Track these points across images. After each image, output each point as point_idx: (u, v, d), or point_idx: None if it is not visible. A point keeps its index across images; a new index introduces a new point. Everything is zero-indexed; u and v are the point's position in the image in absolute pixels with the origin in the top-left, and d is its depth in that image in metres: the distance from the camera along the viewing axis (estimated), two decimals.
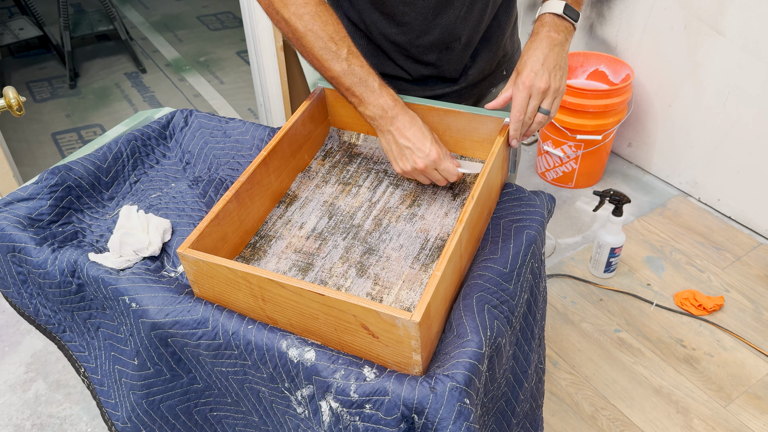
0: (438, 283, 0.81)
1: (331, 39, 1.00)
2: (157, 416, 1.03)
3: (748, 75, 2.10)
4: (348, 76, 1.01)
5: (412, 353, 0.80)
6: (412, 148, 1.00)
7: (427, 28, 1.14)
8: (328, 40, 1.00)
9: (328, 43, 1.00)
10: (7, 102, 1.28)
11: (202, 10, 4.08)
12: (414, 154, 1.00)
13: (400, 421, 0.80)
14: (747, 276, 2.13)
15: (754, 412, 1.74)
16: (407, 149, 1.00)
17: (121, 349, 1.03)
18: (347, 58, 1.01)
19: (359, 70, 1.01)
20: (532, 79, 0.99)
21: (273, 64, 2.34)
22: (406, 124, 1.00)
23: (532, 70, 1.00)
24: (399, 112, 1.01)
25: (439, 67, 1.20)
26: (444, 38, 1.15)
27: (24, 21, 3.59)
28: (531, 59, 1.01)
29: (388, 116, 1.01)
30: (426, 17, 1.12)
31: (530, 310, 1.02)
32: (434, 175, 1.02)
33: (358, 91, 1.01)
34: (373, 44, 1.19)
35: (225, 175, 1.18)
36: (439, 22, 1.13)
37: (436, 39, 1.15)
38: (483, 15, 1.16)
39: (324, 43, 1.00)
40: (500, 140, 1.03)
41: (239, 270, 0.85)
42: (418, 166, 1.00)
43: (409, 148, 1.00)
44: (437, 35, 1.14)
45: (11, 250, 1.08)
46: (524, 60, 1.02)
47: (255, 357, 0.89)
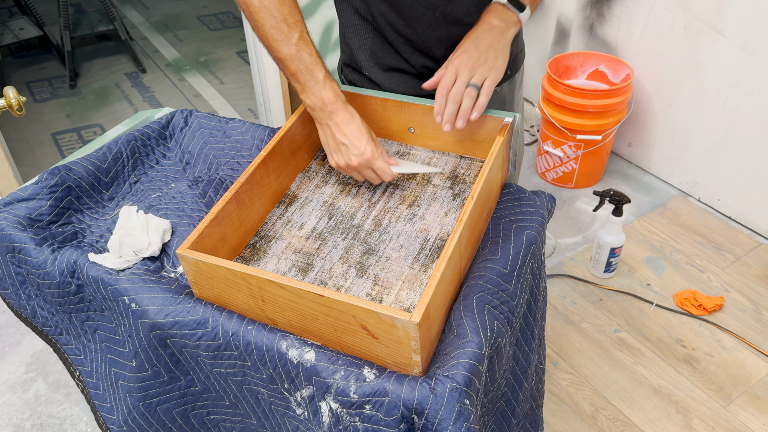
0: (438, 284, 0.81)
1: (284, 20, 1.00)
2: (154, 419, 1.03)
3: (748, 75, 2.10)
4: (294, 62, 1.01)
5: (412, 354, 0.80)
6: (348, 145, 1.02)
7: (434, 22, 1.14)
8: (281, 21, 1.00)
9: (280, 23, 1.00)
10: (7, 102, 1.28)
11: (202, 10, 4.08)
12: (349, 151, 1.02)
13: (400, 422, 0.80)
14: (747, 276, 2.13)
15: (754, 412, 1.74)
16: (343, 146, 1.02)
17: (118, 351, 1.03)
18: (297, 43, 1.01)
19: (307, 57, 1.01)
20: (461, 58, 1.02)
21: (273, 64, 2.34)
22: (344, 119, 1.02)
23: (463, 50, 1.02)
24: (339, 107, 1.02)
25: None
26: (451, 33, 1.15)
27: (24, 21, 3.59)
28: (465, 41, 1.04)
29: (327, 109, 1.02)
30: (434, 11, 1.12)
31: (530, 311, 1.01)
32: (368, 174, 1.04)
33: (302, 78, 1.02)
34: (379, 37, 1.19)
35: (225, 175, 1.18)
36: (446, 15, 1.13)
37: (444, 34, 1.15)
38: None
39: (276, 23, 1.00)
40: (500, 140, 1.03)
41: (239, 271, 0.85)
42: (352, 163, 1.03)
43: (345, 145, 1.02)
44: (444, 30, 1.15)
45: (11, 250, 1.08)
46: (460, 43, 1.05)
47: (255, 358, 0.89)
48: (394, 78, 1.22)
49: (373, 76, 1.22)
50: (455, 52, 1.04)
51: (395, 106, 1.13)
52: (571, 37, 2.62)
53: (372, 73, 1.22)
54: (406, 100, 1.12)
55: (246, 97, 3.24)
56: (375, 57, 1.21)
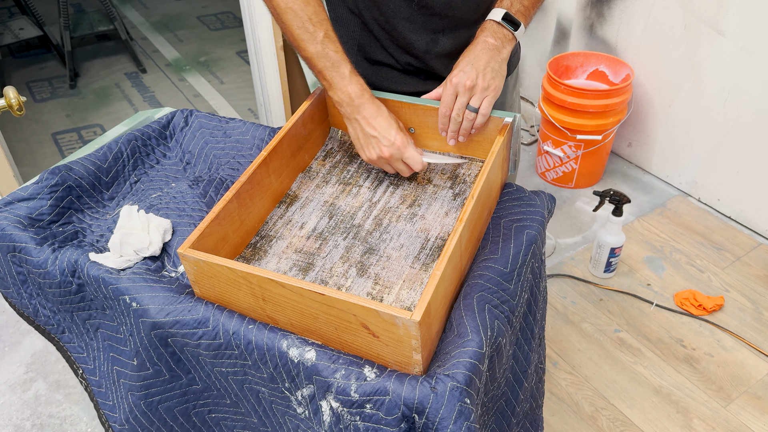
0: (438, 283, 0.81)
1: (309, 20, 1.04)
2: (155, 418, 1.03)
3: (748, 75, 2.10)
4: (321, 59, 1.04)
5: (413, 353, 0.80)
6: (378, 137, 1.04)
7: (411, 15, 1.14)
8: (306, 21, 1.04)
9: (306, 23, 1.04)
10: (8, 102, 1.28)
11: (202, 10, 4.08)
12: (380, 142, 1.04)
13: (400, 421, 0.80)
14: (747, 276, 2.13)
15: (754, 412, 1.74)
16: (373, 138, 1.04)
17: (120, 349, 1.03)
18: (323, 41, 1.04)
19: (333, 54, 1.04)
20: (459, 77, 1.02)
21: (273, 64, 2.34)
22: (372, 113, 1.04)
23: (461, 69, 1.03)
24: (366, 101, 1.04)
25: (427, 62, 1.20)
26: (429, 25, 1.16)
27: (24, 21, 3.59)
28: (462, 60, 1.05)
29: (354, 104, 1.04)
30: (410, 2, 1.13)
31: (530, 310, 1.02)
32: (399, 166, 1.06)
33: (328, 75, 1.05)
34: (366, 31, 1.20)
35: (225, 175, 1.18)
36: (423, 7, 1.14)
37: (421, 27, 1.16)
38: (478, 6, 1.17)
39: (302, 23, 1.04)
40: (500, 140, 1.03)
41: (240, 270, 0.85)
42: (383, 155, 1.04)
43: (375, 137, 1.04)
44: (422, 22, 1.15)
45: (11, 250, 1.08)
46: (457, 61, 1.05)
47: (255, 357, 0.89)
48: (381, 72, 1.24)
49: (360, 69, 1.24)
50: (453, 70, 1.05)
51: (395, 107, 1.13)
52: (571, 37, 2.62)
53: (359, 67, 1.24)
54: (407, 101, 1.13)
55: (246, 97, 3.24)
56: (362, 51, 1.23)
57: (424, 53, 1.19)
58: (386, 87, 1.23)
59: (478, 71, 1.03)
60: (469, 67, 1.03)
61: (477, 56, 1.04)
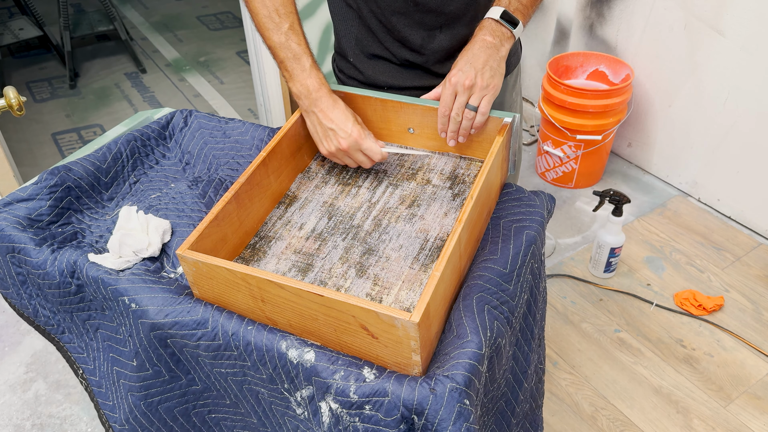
0: (437, 284, 0.81)
1: (276, 11, 1.07)
2: (155, 418, 1.03)
3: (748, 75, 2.10)
4: (283, 50, 1.07)
5: (412, 354, 0.80)
6: (335, 129, 1.05)
7: (406, 10, 1.15)
8: (273, 11, 1.07)
9: (272, 13, 1.07)
10: (8, 102, 1.28)
11: (202, 10, 4.08)
12: (337, 134, 1.05)
13: (399, 422, 0.80)
14: (747, 276, 2.13)
15: (754, 412, 1.74)
16: (330, 131, 1.05)
17: (120, 350, 1.03)
18: (286, 32, 1.06)
19: (295, 46, 1.06)
20: (458, 76, 1.02)
21: (273, 64, 2.34)
22: (329, 105, 1.05)
23: (459, 69, 1.03)
24: (323, 95, 1.06)
25: (424, 55, 1.20)
26: (425, 21, 1.16)
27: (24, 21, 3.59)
28: (461, 59, 1.04)
29: (312, 97, 1.06)
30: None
31: (530, 311, 1.02)
32: (358, 157, 1.07)
33: (289, 66, 1.07)
34: (363, 25, 1.21)
35: (224, 175, 1.18)
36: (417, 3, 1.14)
37: (417, 22, 1.16)
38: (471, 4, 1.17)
39: (268, 12, 1.07)
40: (499, 140, 1.03)
41: (239, 271, 0.85)
42: (341, 146, 1.06)
43: (333, 130, 1.05)
44: (417, 18, 1.16)
45: (11, 250, 1.08)
46: (456, 60, 1.05)
47: (254, 358, 0.89)
48: (378, 66, 1.24)
49: (358, 63, 1.25)
50: (452, 69, 1.04)
51: (395, 107, 1.13)
52: (571, 37, 2.62)
53: (357, 60, 1.25)
54: (406, 101, 1.12)
55: (246, 97, 3.24)
56: (360, 44, 1.23)
57: (419, 48, 1.19)
58: (383, 81, 1.24)
59: (476, 70, 1.03)
60: (468, 66, 1.03)
61: (475, 55, 1.04)
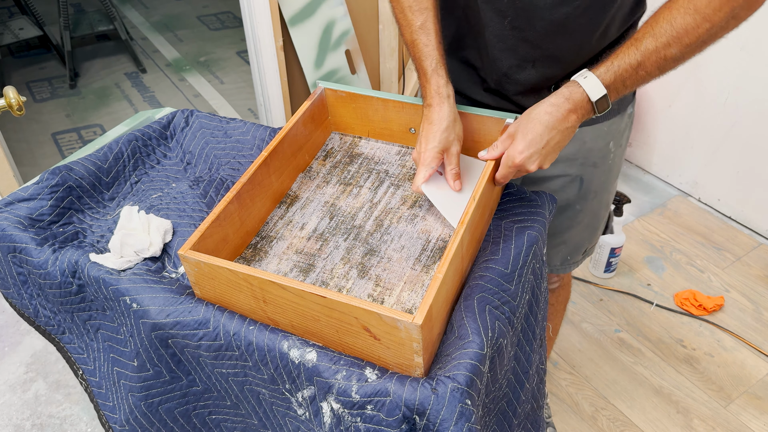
0: (440, 286, 0.81)
1: (410, 7, 1.04)
2: (156, 419, 1.03)
3: (748, 75, 2.10)
4: (413, 49, 1.05)
5: (414, 355, 0.80)
6: (421, 140, 1.02)
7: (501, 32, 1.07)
8: (406, 8, 1.05)
9: (405, 10, 1.05)
10: (7, 102, 1.28)
11: (202, 10, 4.08)
12: (419, 144, 1.02)
13: (401, 422, 0.80)
14: (747, 276, 2.13)
15: (754, 413, 1.74)
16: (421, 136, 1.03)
17: (120, 350, 1.03)
18: (417, 31, 1.04)
19: (422, 47, 1.03)
20: (525, 162, 0.94)
21: (273, 64, 2.34)
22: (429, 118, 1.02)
23: (529, 148, 0.93)
24: (431, 104, 1.02)
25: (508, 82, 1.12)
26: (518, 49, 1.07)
27: (24, 21, 3.59)
28: (535, 133, 0.93)
29: (425, 102, 1.04)
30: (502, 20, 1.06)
31: (531, 311, 1.01)
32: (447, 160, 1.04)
33: (417, 66, 1.05)
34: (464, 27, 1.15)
35: (226, 175, 1.18)
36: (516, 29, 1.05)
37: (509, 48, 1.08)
38: None
39: (402, 8, 1.05)
40: None
41: (240, 272, 0.85)
42: (413, 154, 1.04)
43: (421, 137, 1.03)
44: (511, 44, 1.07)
45: (12, 250, 1.08)
46: (528, 128, 0.94)
47: (256, 358, 0.89)
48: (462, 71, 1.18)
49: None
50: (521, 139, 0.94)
51: (396, 107, 1.13)
52: None
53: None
54: (407, 101, 1.12)
55: (246, 97, 3.24)
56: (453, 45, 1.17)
57: (505, 74, 1.10)
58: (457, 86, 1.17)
59: (544, 157, 0.95)
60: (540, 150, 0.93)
61: (552, 137, 0.93)
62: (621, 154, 1.25)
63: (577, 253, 1.34)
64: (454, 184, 1.02)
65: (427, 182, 1.01)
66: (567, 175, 1.19)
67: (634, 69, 0.92)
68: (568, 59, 1.06)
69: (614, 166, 1.24)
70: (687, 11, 0.88)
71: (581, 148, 1.16)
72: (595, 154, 1.18)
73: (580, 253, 1.35)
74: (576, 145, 1.15)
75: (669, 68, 0.92)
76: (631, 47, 0.91)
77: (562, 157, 1.15)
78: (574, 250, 1.33)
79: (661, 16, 0.90)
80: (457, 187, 1.03)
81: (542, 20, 1.01)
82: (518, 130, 0.95)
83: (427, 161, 1.00)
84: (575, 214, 1.25)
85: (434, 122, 1.00)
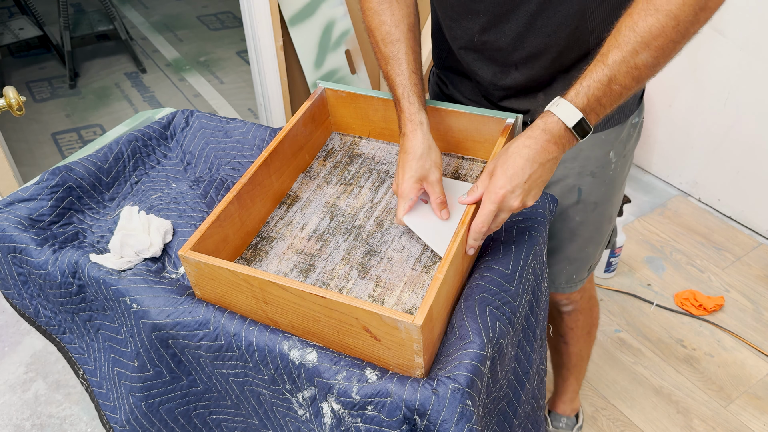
0: (440, 286, 0.81)
1: (382, 41, 1.04)
2: (156, 419, 1.03)
3: (748, 75, 2.10)
4: (387, 80, 1.05)
5: (414, 356, 0.80)
6: (398, 170, 1.00)
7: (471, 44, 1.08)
8: (380, 42, 1.05)
9: (379, 44, 1.05)
10: (7, 102, 1.28)
11: (202, 10, 4.07)
12: (396, 174, 1.01)
13: (402, 423, 0.80)
14: (747, 276, 2.13)
15: (755, 413, 1.74)
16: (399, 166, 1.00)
17: (121, 350, 1.03)
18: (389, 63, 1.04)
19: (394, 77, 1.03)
20: (507, 197, 0.88)
21: (273, 64, 2.34)
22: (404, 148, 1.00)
23: (510, 183, 0.88)
24: (406, 132, 1.00)
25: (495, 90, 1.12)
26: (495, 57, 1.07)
27: (24, 21, 3.58)
28: (516, 167, 0.88)
29: (401, 131, 1.02)
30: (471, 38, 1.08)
31: (532, 311, 1.01)
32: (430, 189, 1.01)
33: (393, 97, 1.05)
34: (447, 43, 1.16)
35: (226, 175, 1.18)
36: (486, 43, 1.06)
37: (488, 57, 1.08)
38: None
39: (382, 36, 1.05)
40: (502, 141, 1.03)
41: (241, 272, 0.85)
42: (393, 186, 1.02)
43: (398, 168, 1.01)
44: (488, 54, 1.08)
45: (12, 250, 1.08)
46: (508, 164, 0.88)
47: (256, 358, 0.89)
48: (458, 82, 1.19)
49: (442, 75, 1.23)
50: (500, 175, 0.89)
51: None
52: None
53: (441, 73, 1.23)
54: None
55: (246, 97, 3.23)
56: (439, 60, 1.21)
57: (490, 83, 1.09)
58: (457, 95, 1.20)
59: (526, 192, 0.89)
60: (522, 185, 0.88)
61: (533, 171, 0.88)
62: (624, 165, 1.20)
63: (582, 270, 1.31)
64: (441, 214, 0.99)
65: (409, 213, 0.99)
66: (563, 183, 1.17)
67: (605, 85, 0.85)
68: (550, 54, 1.03)
69: (616, 178, 1.20)
70: (648, 12, 0.82)
71: (578, 156, 1.14)
72: (593, 162, 1.15)
73: (585, 270, 1.31)
74: (572, 154, 1.14)
75: (646, 77, 0.86)
76: (598, 63, 0.86)
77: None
78: (579, 267, 1.30)
79: (622, 24, 0.85)
80: (444, 216, 0.99)
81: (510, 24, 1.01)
82: (497, 166, 0.90)
83: (405, 192, 0.98)
84: (576, 227, 1.22)
85: (408, 151, 0.99)
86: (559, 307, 1.41)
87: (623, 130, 1.15)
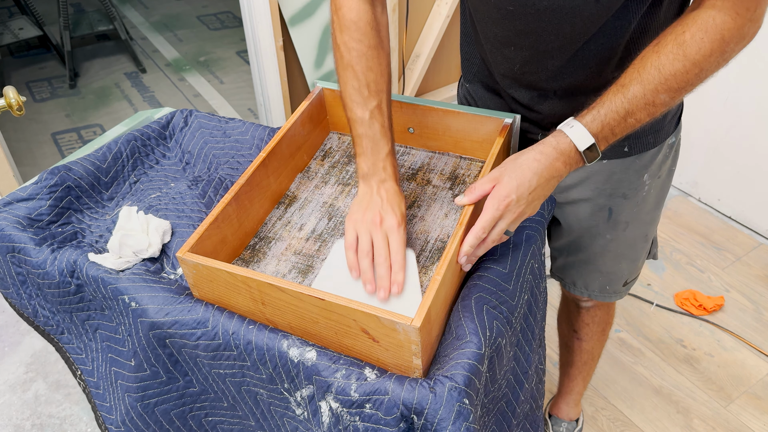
0: (438, 287, 0.81)
1: (367, 86, 0.98)
2: (152, 420, 1.02)
3: (748, 75, 2.10)
4: (363, 126, 0.98)
5: (413, 357, 0.80)
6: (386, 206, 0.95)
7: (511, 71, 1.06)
8: (363, 85, 0.98)
9: (362, 88, 0.98)
10: (7, 102, 1.28)
11: (202, 10, 4.07)
12: (384, 209, 0.94)
13: (399, 421, 0.80)
14: (747, 276, 2.13)
15: (755, 413, 1.74)
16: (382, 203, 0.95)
17: (118, 350, 1.03)
18: (372, 111, 0.98)
19: (378, 128, 0.98)
20: (511, 205, 0.88)
21: (273, 64, 2.34)
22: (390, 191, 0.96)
23: (516, 192, 0.87)
24: (393, 183, 0.97)
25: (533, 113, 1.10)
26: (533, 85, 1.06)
27: (24, 21, 3.59)
28: (524, 177, 0.88)
29: (381, 176, 0.97)
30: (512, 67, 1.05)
31: (531, 311, 1.01)
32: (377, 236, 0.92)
33: (365, 144, 0.98)
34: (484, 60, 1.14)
35: (224, 175, 1.18)
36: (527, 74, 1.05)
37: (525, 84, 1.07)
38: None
39: (358, 85, 0.98)
40: (500, 141, 1.03)
41: (239, 274, 0.84)
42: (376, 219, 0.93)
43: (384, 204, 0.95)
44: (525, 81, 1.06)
45: (11, 250, 1.08)
46: (516, 173, 0.88)
47: (255, 357, 0.89)
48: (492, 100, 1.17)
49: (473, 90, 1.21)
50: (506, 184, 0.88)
51: (394, 106, 1.13)
52: None
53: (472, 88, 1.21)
54: (406, 101, 1.12)
55: (246, 97, 3.23)
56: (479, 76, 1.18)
57: (527, 106, 1.09)
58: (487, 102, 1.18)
59: (530, 202, 0.89)
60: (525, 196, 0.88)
61: (539, 185, 0.89)
62: (661, 185, 1.19)
63: (617, 283, 1.29)
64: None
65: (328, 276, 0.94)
66: (594, 203, 1.15)
67: (621, 117, 0.87)
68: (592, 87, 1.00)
69: (649, 197, 1.18)
70: (676, 57, 0.84)
71: (610, 178, 1.13)
72: (626, 185, 1.14)
73: (621, 284, 1.30)
74: (604, 176, 1.13)
75: (657, 113, 0.88)
76: (618, 93, 0.87)
77: (589, 181, 1.13)
78: (613, 280, 1.29)
79: (648, 61, 0.86)
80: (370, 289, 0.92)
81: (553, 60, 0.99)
82: (504, 173, 0.89)
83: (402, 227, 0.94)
84: (606, 243, 1.21)
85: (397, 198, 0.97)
86: (578, 302, 1.41)
87: (659, 153, 1.14)
